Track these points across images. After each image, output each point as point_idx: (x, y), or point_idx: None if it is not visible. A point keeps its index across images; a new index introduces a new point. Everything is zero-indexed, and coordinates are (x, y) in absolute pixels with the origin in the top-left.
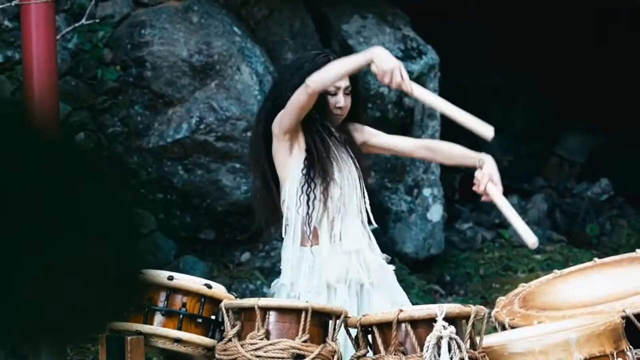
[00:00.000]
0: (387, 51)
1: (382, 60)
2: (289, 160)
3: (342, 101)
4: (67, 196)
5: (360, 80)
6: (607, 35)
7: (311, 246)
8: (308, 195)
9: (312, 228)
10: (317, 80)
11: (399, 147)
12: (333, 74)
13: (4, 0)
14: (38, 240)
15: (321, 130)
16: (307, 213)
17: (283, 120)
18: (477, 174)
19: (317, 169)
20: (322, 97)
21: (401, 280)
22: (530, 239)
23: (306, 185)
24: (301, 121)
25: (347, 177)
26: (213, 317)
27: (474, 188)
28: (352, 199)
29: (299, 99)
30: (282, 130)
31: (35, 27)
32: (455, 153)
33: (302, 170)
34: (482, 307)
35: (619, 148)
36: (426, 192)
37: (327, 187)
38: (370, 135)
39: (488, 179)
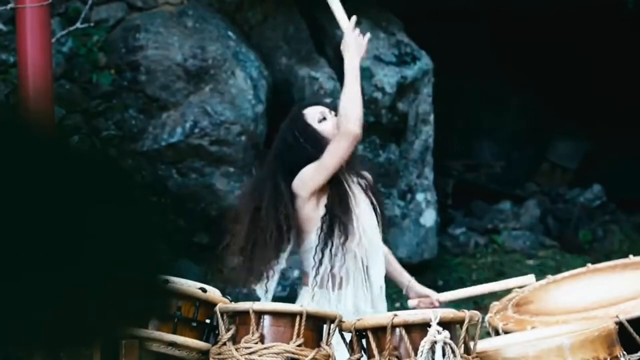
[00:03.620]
0: (349, 49)
1: (355, 47)
2: (316, 214)
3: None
4: (75, 203)
5: None
6: (599, 41)
7: (326, 288)
8: (331, 251)
9: (338, 275)
10: (355, 118)
11: None
12: (359, 99)
13: None
14: (45, 247)
15: (343, 180)
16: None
17: (318, 178)
18: (421, 303)
19: (338, 225)
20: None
21: (394, 286)
22: (527, 279)
23: (328, 240)
24: None
25: (368, 223)
26: (208, 320)
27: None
28: (375, 244)
29: (345, 150)
30: (311, 190)
31: (30, 30)
32: (392, 268)
33: (323, 224)
34: (476, 312)
35: (611, 154)
36: (419, 197)
37: (345, 242)
38: None
39: (434, 297)
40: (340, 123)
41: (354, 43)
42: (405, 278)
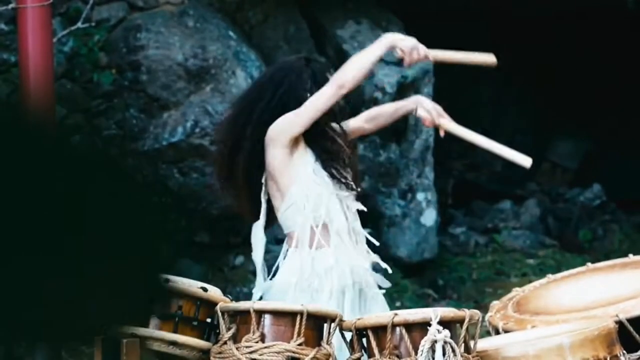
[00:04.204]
0: (397, 33)
1: (403, 41)
2: (290, 166)
3: (341, 101)
4: (76, 200)
5: None
6: (599, 40)
7: (317, 248)
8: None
9: (321, 229)
10: (349, 79)
11: (355, 130)
12: (363, 69)
13: (1, 4)
14: (46, 241)
15: (330, 132)
16: (319, 215)
17: (295, 126)
18: (420, 112)
19: (335, 172)
20: (334, 105)
21: (394, 284)
22: (523, 160)
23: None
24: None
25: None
26: (208, 320)
27: (426, 124)
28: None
29: (327, 102)
30: (289, 137)
31: (32, 30)
32: (389, 109)
33: (317, 172)
34: (476, 311)
35: (611, 154)
36: (420, 196)
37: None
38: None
39: (435, 111)
40: (335, 75)
41: (408, 38)
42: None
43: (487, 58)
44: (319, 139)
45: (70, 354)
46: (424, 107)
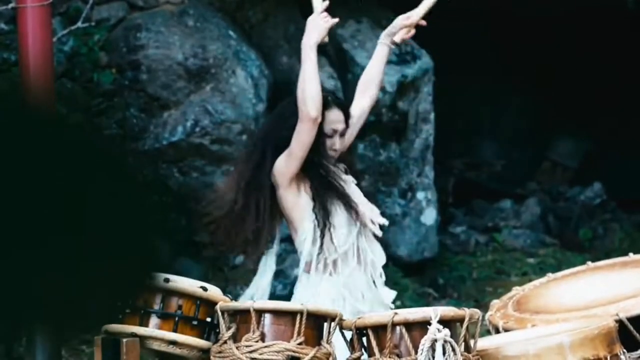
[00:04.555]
0: (307, 31)
1: (313, 30)
2: (300, 201)
3: (337, 144)
4: (74, 192)
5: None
6: (599, 40)
7: (330, 275)
8: (322, 232)
9: (332, 260)
10: (306, 102)
11: (362, 112)
12: (308, 81)
13: (0, 3)
14: (41, 236)
15: (322, 171)
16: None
17: (289, 165)
18: (398, 37)
19: (322, 214)
20: (318, 140)
21: (395, 284)
22: None
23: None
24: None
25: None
26: (208, 319)
27: (410, 35)
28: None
29: (306, 136)
30: (288, 177)
31: (32, 30)
32: (373, 68)
33: (314, 209)
34: (476, 310)
35: (612, 153)
36: (420, 195)
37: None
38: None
39: (401, 20)
40: (299, 107)
41: (313, 22)
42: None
43: None
44: (315, 174)
45: (70, 354)
46: (394, 29)
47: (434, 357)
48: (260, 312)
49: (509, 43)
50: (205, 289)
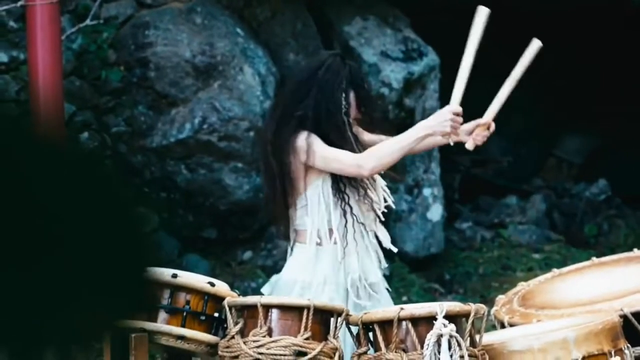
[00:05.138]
0: (432, 118)
1: (437, 125)
2: (307, 175)
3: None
4: (64, 197)
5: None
6: (605, 36)
7: (323, 246)
8: (343, 208)
9: (327, 231)
10: (376, 165)
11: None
12: (392, 157)
13: (9, 1)
14: (38, 242)
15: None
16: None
17: (317, 162)
18: (465, 139)
19: (349, 188)
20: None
21: (401, 279)
22: None
23: (339, 200)
24: None
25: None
26: (216, 314)
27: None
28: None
29: (345, 170)
30: (304, 161)
31: (41, 27)
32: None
33: (331, 184)
34: (481, 305)
35: (617, 149)
36: (426, 192)
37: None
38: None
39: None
40: (363, 155)
41: (444, 119)
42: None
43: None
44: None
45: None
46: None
47: (439, 352)
48: (267, 308)
49: (514, 40)
50: (213, 285)
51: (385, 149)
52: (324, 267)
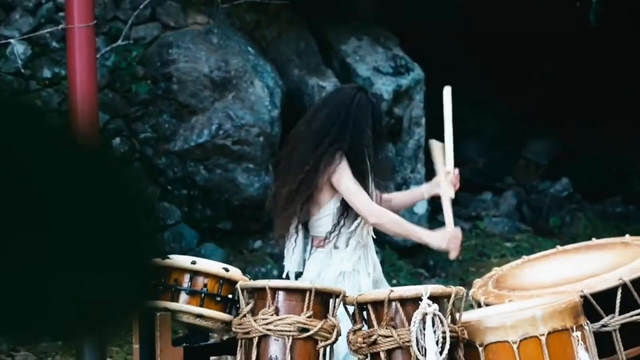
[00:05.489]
0: (440, 236)
1: (444, 245)
2: (329, 194)
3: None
4: (94, 193)
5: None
6: (564, 55)
7: (339, 250)
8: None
9: (340, 238)
10: (381, 223)
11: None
12: (393, 230)
13: (52, 24)
14: (53, 236)
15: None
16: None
17: (341, 189)
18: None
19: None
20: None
21: (391, 265)
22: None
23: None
24: None
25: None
26: (230, 296)
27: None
28: None
29: (357, 208)
30: (333, 184)
31: (79, 47)
32: (405, 197)
33: (338, 208)
34: (461, 287)
35: (577, 152)
36: (413, 189)
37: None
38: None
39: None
40: (380, 209)
41: (449, 239)
42: (419, 190)
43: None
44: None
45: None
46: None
47: (424, 329)
48: (274, 290)
49: (488, 59)
50: (227, 270)
51: (397, 222)
52: (339, 269)
